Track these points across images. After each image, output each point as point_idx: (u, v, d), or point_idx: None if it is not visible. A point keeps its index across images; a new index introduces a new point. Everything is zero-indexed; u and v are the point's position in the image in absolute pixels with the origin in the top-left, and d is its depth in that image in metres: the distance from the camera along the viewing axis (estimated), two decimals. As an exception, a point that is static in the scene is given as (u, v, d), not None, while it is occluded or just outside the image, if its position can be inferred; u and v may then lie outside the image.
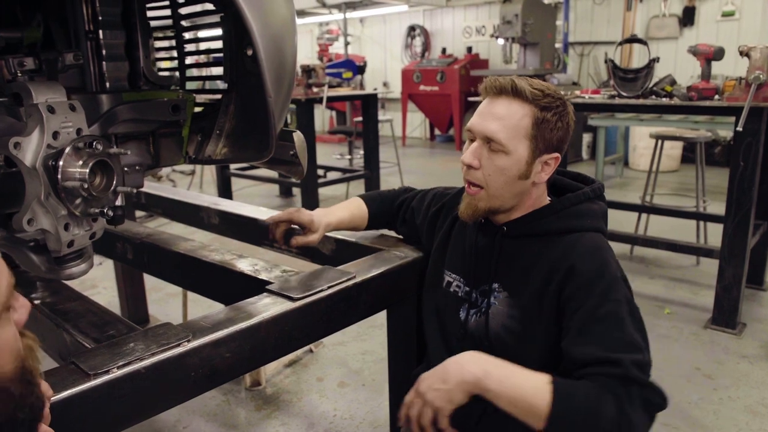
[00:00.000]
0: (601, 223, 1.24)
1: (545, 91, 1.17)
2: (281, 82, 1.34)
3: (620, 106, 3.16)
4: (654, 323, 3.12)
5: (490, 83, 1.21)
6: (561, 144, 1.21)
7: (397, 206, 1.64)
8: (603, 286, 1.10)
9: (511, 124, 1.17)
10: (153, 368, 1.07)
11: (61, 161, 1.11)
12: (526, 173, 1.20)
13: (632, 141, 7.09)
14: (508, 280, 1.24)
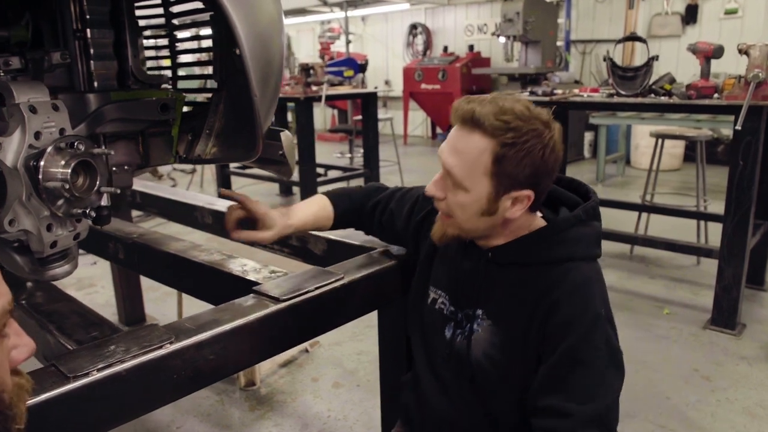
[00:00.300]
0: (593, 248, 1.16)
1: (510, 124, 1.02)
2: (267, 81, 1.33)
3: (618, 105, 3.14)
4: (653, 324, 3.10)
5: (455, 108, 1.09)
6: (534, 179, 1.07)
7: (371, 208, 1.51)
8: (584, 326, 1.05)
9: (468, 160, 1.06)
10: (134, 370, 1.06)
11: (42, 161, 1.10)
12: (489, 210, 1.09)
13: (634, 139, 7.05)
14: (492, 308, 1.17)
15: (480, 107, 1.04)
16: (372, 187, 1.58)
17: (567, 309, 1.07)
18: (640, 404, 2.40)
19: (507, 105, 1.05)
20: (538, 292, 1.10)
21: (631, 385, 2.53)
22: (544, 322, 1.08)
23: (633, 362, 2.72)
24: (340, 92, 5.37)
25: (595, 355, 1.05)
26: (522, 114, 1.04)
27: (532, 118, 1.04)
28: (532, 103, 1.08)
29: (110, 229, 1.96)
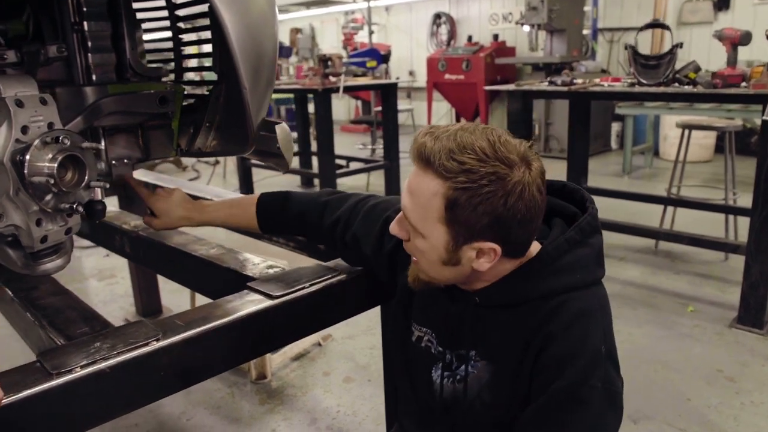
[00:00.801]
0: (593, 271, 1.02)
1: (464, 165, 0.88)
2: (259, 73, 1.30)
3: (639, 95, 3.04)
4: (676, 321, 3.00)
5: (413, 140, 0.95)
6: (497, 231, 0.91)
7: (330, 226, 1.34)
8: (580, 365, 0.93)
9: (420, 203, 0.94)
10: (118, 368, 1.04)
11: (27, 156, 1.09)
12: (452, 260, 0.96)
13: (662, 130, 6.87)
14: (485, 349, 1.04)
15: (433, 142, 0.91)
16: (324, 201, 1.38)
17: (562, 344, 0.95)
18: (658, 405, 2.33)
19: (467, 140, 0.89)
20: (533, 326, 0.98)
21: (649, 385, 2.46)
22: (537, 356, 0.97)
23: (652, 362, 2.64)
24: (358, 83, 5.32)
25: (592, 395, 0.93)
26: (482, 153, 0.88)
27: (494, 158, 0.89)
28: (507, 137, 0.93)
29: (117, 222, 1.97)
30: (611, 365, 0.96)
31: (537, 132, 7.51)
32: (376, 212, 1.29)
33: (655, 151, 6.91)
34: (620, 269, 3.70)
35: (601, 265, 1.04)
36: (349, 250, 1.34)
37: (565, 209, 1.09)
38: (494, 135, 0.92)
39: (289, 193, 1.44)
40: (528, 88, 3.47)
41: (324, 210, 1.36)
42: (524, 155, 0.92)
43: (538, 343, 0.97)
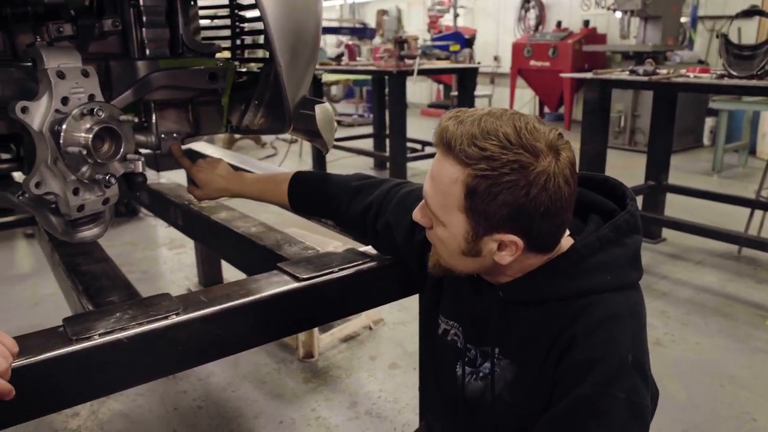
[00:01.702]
0: (627, 273, 0.95)
1: (486, 151, 0.83)
2: (297, 51, 1.28)
3: (728, 87, 2.80)
4: (751, 334, 2.78)
5: (438, 124, 0.92)
6: (518, 223, 0.87)
7: (362, 212, 1.30)
8: (602, 373, 0.87)
9: (441, 189, 0.90)
10: (136, 339, 1.06)
11: (63, 126, 1.12)
12: (472, 251, 0.92)
13: (762, 127, 6.35)
14: (509, 348, 1.01)
15: (456, 126, 0.87)
16: (352, 183, 1.36)
17: (586, 348, 0.89)
18: (718, 423, 2.17)
19: (491, 126, 0.85)
20: (558, 327, 0.93)
21: (712, 400, 2.30)
22: (559, 358, 0.92)
23: (719, 375, 2.46)
24: (434, 67, 5.24)
25: (614, 406, 0.86)
26: (506, 139, 0.84)
27: (518, 145, 0.84)
28: (536, 124, 0.87)
29: (172, 195, 2.03)
30: (638, 375, 0.89)
31: (623, 124, 7.15)
32: (409, 199, 1.24)
33: (751, 149, 6.41)
34: (695, 274, 3.47)
35: (636, 267, 0.98)
36: (380, 238, 1.30)
37: (603, 205, 1.03)
38: (522, 121, 0.87)
39: (323, 175, 1.42)
40: (606, 76, 3.28)
41: (355, 195, 1.33)
42: (553, 144, 0.86)
43: (561, 345, 0.92)
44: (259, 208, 3.68)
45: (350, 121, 9.61)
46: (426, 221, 0.98)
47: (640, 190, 3.96)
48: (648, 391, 0.90)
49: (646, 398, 0.89)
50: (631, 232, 0.97)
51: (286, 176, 1.42)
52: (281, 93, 1.30)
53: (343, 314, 1.38)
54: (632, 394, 0.87)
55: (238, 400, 2.30)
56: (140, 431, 2.14)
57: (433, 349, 1.17)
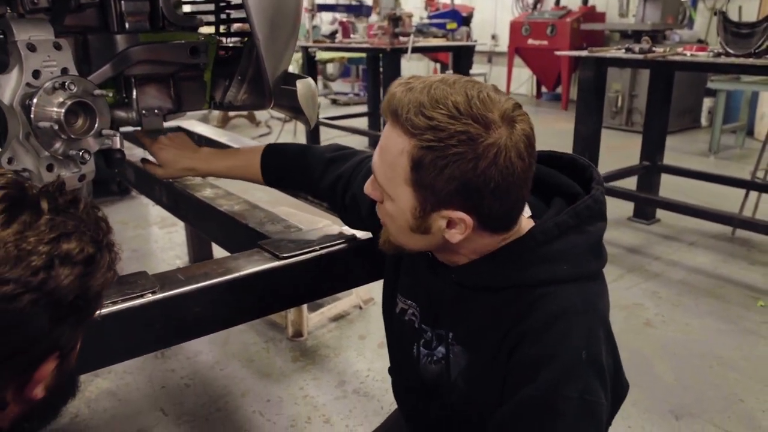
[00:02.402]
0: (585, 263, 0.90)
1: (432, 121, 0.78)
2: (276, 23, 1.25)
3: (724, 66, 2.76)
4: (742, 316, 2.78)
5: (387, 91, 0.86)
6: (466, 199, 0.82)
7: (332, 182, 1.25)
8: (554, 372, 0.83)
9: (388, 161, 0.85)
10: (111, 317, 1.04)
11: (34, 100, 1.09)
12: (420, 228, 0.87)
13: (760, 108, 6.31)
14: (462, 334, 0.96)
15: (404, 94, 0.81)
16: (326, 154, 1.30)
17: (536, 346, 0.85)
18: (706, 404, 2.17)
19: (441, 93, 0.79)
20: (509, 319, 0.88)
21: (700, 381, 2.30)
22: (510, 353, 0.87)
23: (708, 356, 2.46)
24: (429, 44, 5.17)
25: (566, 406, 0.82)
26: (455, 109, 0.78)
27: (468, 115, 0.78)
28: (491, 92, 0.81)
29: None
30: (593, 373, 0.84)
31: (620, 105, 7.10)
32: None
33: (749, 130, 6.37)
34: (688, 255, 3.46)
35: (598, 256, 0.92)
36: (348, 212, 1.26)
37: (569, 188, 0.97)
38: (475, 89, 0.81)
39: (297, 146, 1.37)
40: (602, 54, 3.24)
41: (328, 166, 1.27)
42: (507, 114, 0.80)
43: (513, 339, 0.87)
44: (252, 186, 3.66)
45: (346, 99, 9.53)
46: (376, 195, 0.92)
47: (634, 170, 3.94)
48: (604, 388, 0.85)
49: (601, 396, 0.84)
50: (594, 218, 0.91)
51: (257, 150, 1.36)
52: (260, 66, 1.27)
53: (324, 293, 1.37)
54: (585, 392, 0.83)
55: (225, 379, 2.30)
56: (127, 409, 2.14)
57: (392, 328, 1.15)
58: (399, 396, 1.17)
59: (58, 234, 0.63)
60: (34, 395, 0.67)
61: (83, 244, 0.65)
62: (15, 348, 0.61)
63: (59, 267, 0.62)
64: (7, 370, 0.62)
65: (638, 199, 3.90)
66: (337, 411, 2.12)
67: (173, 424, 2.06)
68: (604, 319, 0.90)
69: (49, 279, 0.61)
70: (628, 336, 2.62)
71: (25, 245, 0.60)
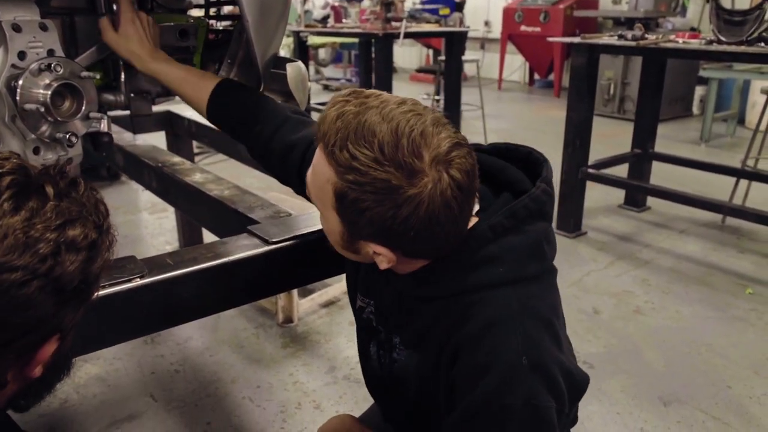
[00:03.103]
0: (521, 265, 0.85)
1: (355, 161, 0.74)
2: (266, 7, 1.23)
3: (716, 53, 2.76)
4: (730, 303, 2.80)
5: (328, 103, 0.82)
6: (387, 241, 0.80)
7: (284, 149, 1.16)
8: (493, 381, 0.79)
9: (317, 183, 0.83)
10: (98, 302, 1.02)
11: (20, 81, 1.07)
12: (351, 248, 0.86)
13: (751, 96, 6.32)
14: (409, 338, 0.96)
15: (335, 119, 0.77)
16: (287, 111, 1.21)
17: (471, 356, 0.82)
18: (694, 390, 2.19)
19: (370, 127, 0.75)
20: (449, 328, 0.86)
21: (688, 368, 2.32)
22: (452, 364, 0.85)
23: (696, 343, 2.48)
24: (421, 30, 5.14)
25: (510, 414, 0.79)
26: (379, 151, 0.73)
27: (392, 161, 0.73)
28: (430, 128, 0.76)
29: (147, 157, 1.98)
30: (536, 377, 0.80)
31: (612, 92, 7.10)
32: None
33: (740, 119, 6.40)
34: (678, 242, 3.48)
35: (537, 258, 0.87)
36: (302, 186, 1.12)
37: (520, 184, 0.92)
38: (410, 124, 0.75)
39: (254, 91, 1.29)
40: (594, 41, 3.22)
41: (284, 124, 1.18)
42: (440, 158, 0.75)
43: (451, 348, 0.85)
44: (243, 172, 3.63)
45: (338, 85, 9.48)
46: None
47: (626, 157, 3.95)
48: (552, 390, 0.81)
49: (547, 399, 0.80)
50: (533, 218, 0.86)
51: (213, 77, 1.28)
52: (249, 49, 1.25)
53: (313, 278, 1.36)
54: (531, 398, 0.79)
55: (215, 365, 2.30)
56: (117, 395, 2.13)
57: (356, 323, 1.14)
58: (368, 387, 1.18)
59: (63, 220, 0.64)
60: (33, 374, 0.69)
61: (87, 230, 0.67)
62: (20, 331, 0.63)
63: (65, 254, 0.64)
64: (11, 352, 0.64)
65: (629, 186, 3.90)
66: (327, 397, 2.13)
67: (163, 410, 2.06)
68: (546, 320, 0.85)
69: (56, 266, 0.63)
70: (617, 323, 2.64)
71: (33, 232, 0.62)
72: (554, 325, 0.86)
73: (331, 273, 1.35)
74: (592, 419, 2.00)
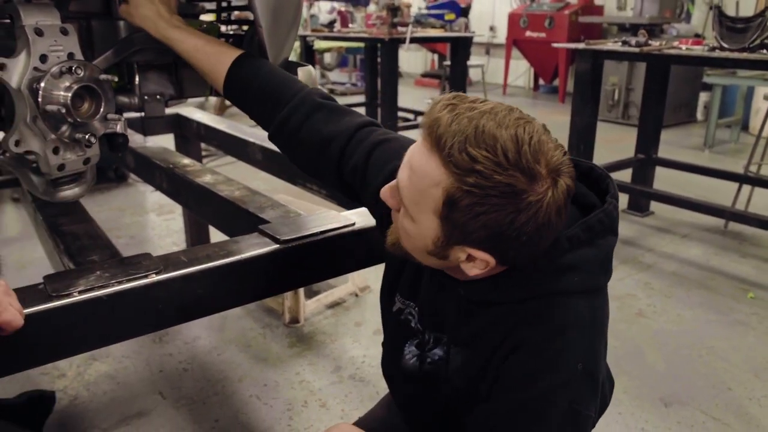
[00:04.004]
0: (594, 277, 0.88)
1: (477, 164, 0.73)
2: (278, 12, 1.27)
3: (719, 60, 2.79)
4: (732, 307, 2.83)
5: (429, 108, 0.80)
6: (494, 246, 0.79)
7: (324, 140, 1.10)
8: (549, 381, 0.83)
9: (418, 187, 0.80)
10: (115, 296, 1.07)
11: (42, 84, 1.11)
12: (440, 254, 0.84)
13: (755, 103, 6.34)
14: (462, 337, 0.96)
15: (450, 120, 0.75)
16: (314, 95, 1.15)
17: (535, 355, 0.84)
18: (695, 392, 2.21)
19: (490, 131, 0.74)
20: (514, 324, 0.87)
21: (689, 370, 2.34)
22: (509, 354, 0.86)
23: (698, 346, 2.51)
24: (427, 35, 5.19)
25: (553, 413, 0.83)
26: (503, 154, 0.73)
27: (515, 166, 0.73)
28: (543, 137, 0.77)
29: (158, 159, 2.02)
30: (587, 385, 0.85)
31: (617, 98, 7.13)
32: (386, 153, 1.06)
33: (744, 125, 6.42)
34: (681, 247, 3.51)
35: (606, 270, 0.90)
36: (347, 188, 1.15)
37: (585, 198, 0.93)
38: (527, 132, 0.75)
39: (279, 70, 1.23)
40: (598, 47, 3.26)
41: (313, 113, 1.12)
42: (555, 167, 0.76)
43: (513, 341, 0.86)
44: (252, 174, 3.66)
45: (343, 89, 9.53)
46: (394, 204, 0.88)
47: (629, 162, 3.97)
48: (594, 401, 0.86)
49: (590, 408, 0.85)
50: (605, 232, 0.88)
51: (234, 50, 1.22)
52: (263, 55, 1.29)
53: (323, 277, 1.39)
54: (575, 402, 0.83)
55: (223, 364, 2.33)
56: (126, 392, 2.17)
57: (387, 323, 1.15)
58: (390, 385, 1.20)
59: None
60: None
61: None
62: None
63: None
64: None
65: (633, 191, 3.93)
66: (333, 395, 2.16)
67: (171, 407, 2.09)
68: (603, 332, 0.90)
69: None
70: (620, 326, 2.67)
71: None
72: (606, 338, 0.91)
73: (341, 271, 1.39)
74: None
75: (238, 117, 7.07)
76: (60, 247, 1.31)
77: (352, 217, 1.40)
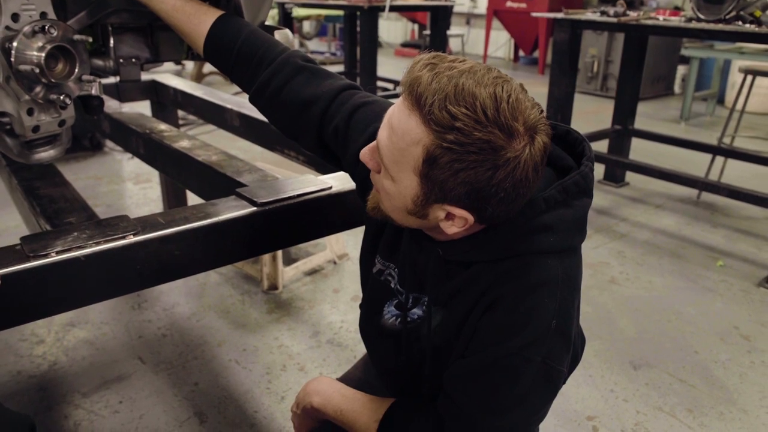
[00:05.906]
0: (570, 236, 0.90)
1: (456, 121, 0.74)
2: (255, -26, 1.26)
3: (693, 31, 2.82)
4: (701, 275, 2.91)
5: (410, 66, 0.80)
6: (473, 203, 0.80)
7: (305, 102, 1.11)
8: (523, 337, 0.85)
9: (398, 145, 0.81)
10: (93, 257, 1.07)
11: (14, 43, 1.10)
12: (419, 213, 0.86)
13: (731, 76, 6.42)
14: (440, 297, 0.98)
15: (430, 79, 0.76)
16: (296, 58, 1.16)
17: (510, 312, 0.87)
18: (662, 355, 2.29)
19: (469, 89, 0.75)
20: (490, 282, 0.89)
21: (658, 335, 2.42)
22: (485, 311, 0.89)
23: (667, 311, 2.59)
24: (407, 3, 5.14)
25: (527, 368, 0.86)
26: (482, 111, 0.74)
27: (494, 122, 0.74)
28: (520, 95, 0.78)
29: (134, 124, 2.00)
30: (559, 341, 0.88)
31: (595, 69, 7.16)
32: (366, 116, 1.07)
33: (720, 98, 6.50)
34: (654, 217, 3.58)
35: (581, 230, 0.92)
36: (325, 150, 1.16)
37: (560, 160, 0.95)
38: (505, 90, 0.76)
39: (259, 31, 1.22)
40: (576, 17, 3.27)
41: (294, 76, 1.13)
42: (532, 125, 0.77)
43: (489, 299, 0.89)
44: (230, 143, 3.63)
45: (322, 59, 9.43)
46: (374, 165, 0.89)
47: (606, 133, 4.02)
48: (567, 357, 0.89)
49: (563, 363, 0.88)
50: (581, 194, 0.90)
51: (215, 10, 1.21)
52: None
53: (300, 240, 1.41)
54: (548, 358, 0.86)
55: (202, 329, 2.35)
56: (105, 357, 2.18)
57: (367, 284, 1.16)
58: (368, 345, 1.23)
59: None
60: None
61: None
62: None
63: None
64: None
65: (608, 161, 3.98)
66: (311, 359, 2.19)
67: (151, 371, 2.11)
68: (577, 290, 0.93)
69: None
70: (593, 292, 2.73)
71: None
72: (579, 297, 0.94)
73: (317, 234, 1.40)
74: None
75: (216, 86, 6.98)
76: (36, 209, 1.31)
77: (329, 180, 1.41)
